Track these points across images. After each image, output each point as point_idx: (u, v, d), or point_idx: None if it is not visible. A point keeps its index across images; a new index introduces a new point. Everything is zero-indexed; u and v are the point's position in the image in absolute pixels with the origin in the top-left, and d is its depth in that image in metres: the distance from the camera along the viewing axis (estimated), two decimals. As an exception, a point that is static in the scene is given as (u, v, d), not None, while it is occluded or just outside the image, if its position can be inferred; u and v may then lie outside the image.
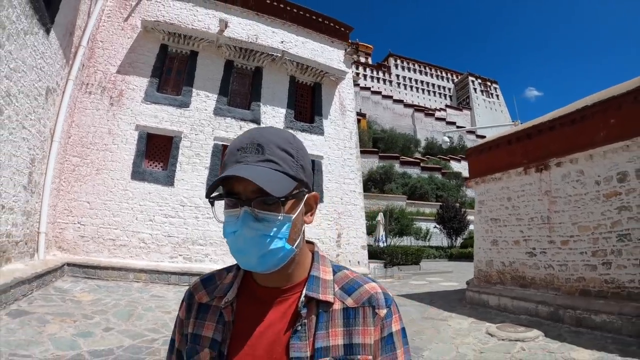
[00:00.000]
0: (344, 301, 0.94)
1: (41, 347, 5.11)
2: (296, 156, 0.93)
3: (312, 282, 0.95)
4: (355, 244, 15.31)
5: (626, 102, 8.42)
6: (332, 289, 0.96)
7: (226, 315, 0.96)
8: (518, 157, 10.86)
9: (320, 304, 0.93)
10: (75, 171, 11.05)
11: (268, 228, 0.86)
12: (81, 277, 9.66)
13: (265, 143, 0.90)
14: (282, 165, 0.89)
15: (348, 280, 0.99)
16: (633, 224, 7.99)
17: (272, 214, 0.86)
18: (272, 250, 0.87)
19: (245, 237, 0.86)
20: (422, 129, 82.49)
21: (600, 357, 6.25)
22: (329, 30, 17.26)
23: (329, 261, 1.03)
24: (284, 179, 0.88)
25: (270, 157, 0.89)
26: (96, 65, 12.09)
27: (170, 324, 6.90)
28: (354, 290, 0.96)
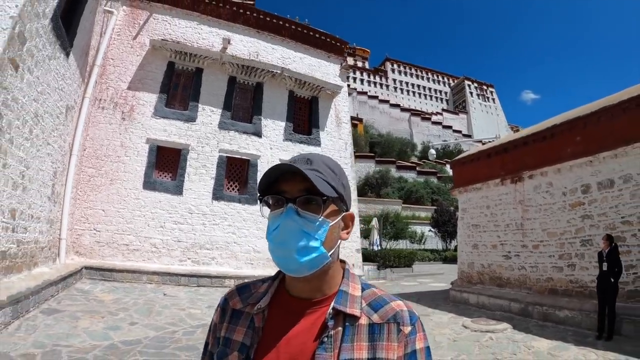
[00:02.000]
0: (370, 317, 0.96)
1: (78, 338, 6.07)
2: (338, 174, 1.01)
3: (341, 297, 0.98)
4: (350, 247, 16.29)
5: (590, 122, 9.48)
6: (359, 304, 0.98)
7: (256, 321, 1.02)
8: (496, 170, 11.93)
9: (347, 317, 0.95)
10: (90, 181, 12.02)
11: (307, 226, 0.94)
12: (98, 279, 10.62)
13: (313, 158, 1.01)
14: (326, 175, 0.97)
15: (375, 297, 1.01)
16: (594, 230, 9.05)
17: (312, 214, 0.95)
18: (308, 247, 0.94)
19: (286, 229, 0.95)
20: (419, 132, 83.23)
21: (557, 345, 7.28)
22: (326, 45, 18.23)
23: (358, 279, 1.06)
24: (327, 185, 0.96)
25: (317, 168, 0.98)
26: (108, 82, 13.03)
27: (186, 319, 7.90)
28: (380, 307, 0.98)
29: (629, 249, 8.35)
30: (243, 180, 14.96)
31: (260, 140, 15.38)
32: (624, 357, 6.44)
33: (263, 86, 15.98)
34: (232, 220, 13.98)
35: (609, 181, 8.98)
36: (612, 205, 8.87)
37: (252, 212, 14.42)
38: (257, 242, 14.22)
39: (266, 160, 15.15)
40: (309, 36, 17.82)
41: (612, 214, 8.83)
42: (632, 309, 7.87)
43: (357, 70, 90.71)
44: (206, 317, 8.35)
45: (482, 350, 7.05)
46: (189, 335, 6.97)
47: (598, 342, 7.39)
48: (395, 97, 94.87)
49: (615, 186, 8.85)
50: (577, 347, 7.13)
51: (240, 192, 14.79)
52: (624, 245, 8.38)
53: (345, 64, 18.85)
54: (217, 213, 13.77)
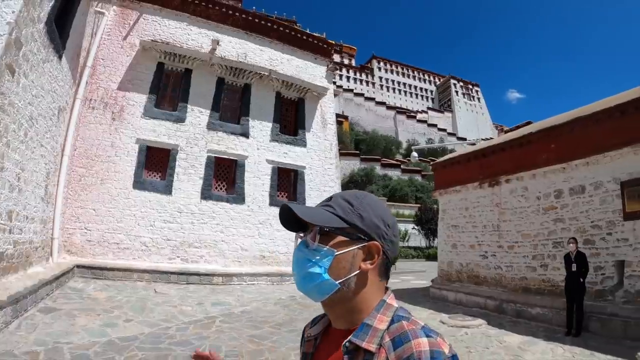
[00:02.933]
0: (389, 355, 0.90)
1: (77, 336, 6.37)
2: (356, 206, 1.02)
3: (361, 329, 0.96)
4: (335, 245, 16.69)
5: (564, 131, 10.02)
6: (379, 338, 0.93)
7: (306, 348, 1.12)
8: (475, 173, 12.48)
9: (366, 352, 0.92)
10: (81, 181, 12.22)
11: (311, 254, 1.00)
12: (90, 277, 10.87)
13: (335, 196, 1.07)
14: (336, 209, 1.02)
15: (401, 332, 0.92)
16: (566, 233, 9.59)
17: (312, 242, 1.01)
18: (310, 274, 0.99)
19: (295, 257, 1.05)
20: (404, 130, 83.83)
21: (528, 340, 7.80)
22: (313, 47, 18.57)
23: (393, 310, 1.00)
24: (330, 216, 1.00)
25: (330, 203, 1.04)
26: (98, 82, 13.19)
27: (179, 316, 8.26)
28: (400, 345, 0.90)
29: (598, 252, 8.88)
30: (231, 180, 15.26)
31: (248, 140, 15.68)
32: (589, 352, 6.92)
33: (251, 87, 16.29)
34: (220, 219, 14.29)
35: (581, 187, 9.51)
36: (582, 210, 9.41)
37: (240, 211, 14.75)
38: (244, 240, 14.56)
39: (253, 161, 15.49)
40: (297, 38, 18.14)
41: (583, 218, 9.36)
42: (599, 307, 8.41)
43: (343, 67, 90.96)
44: (197, 314, 8.70)
45: (457, 344, 7.48)
46: (183, 331, 7.31)
47: (566, 338, 7.91)
48: (381, 95, 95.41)
49: (586, 192, 9.39)
50: (546, 342, 7.64)
51: (228, 191, 15.09)
52: (593, 247, 8.94)
53: (331, 65, 19.22)
54: (206, 212, 14.07)
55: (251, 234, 14.85)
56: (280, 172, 16.28)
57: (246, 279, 13.48)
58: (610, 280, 8.62)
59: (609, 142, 8.77)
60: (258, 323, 8.42)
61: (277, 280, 14.07)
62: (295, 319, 9.08)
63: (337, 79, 79.19)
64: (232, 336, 7.31)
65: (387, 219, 1.05)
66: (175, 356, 5.99)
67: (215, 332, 7.50)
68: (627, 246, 8.37)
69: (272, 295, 11.83)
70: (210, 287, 12.14)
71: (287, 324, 8.48)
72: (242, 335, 7.37)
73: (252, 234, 14.86)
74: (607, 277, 8.69)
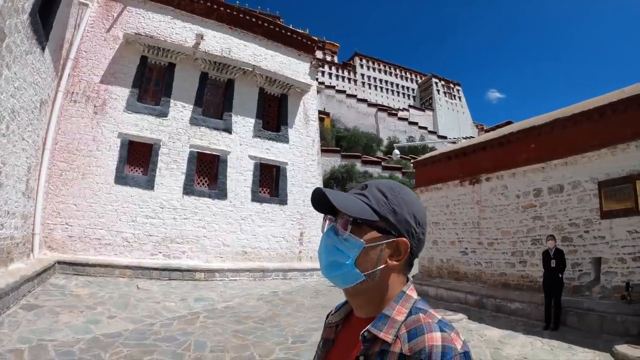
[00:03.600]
0: (403, 346, 0.92)
1: (62, 333, 6.34)
2: (390, 199, 1.01)
3: (380, 320, 0.97)
4: (316, 241, 16.80)
5: (544, 131, 10.29)
6: (396, 329, 0.95)
7: (327, 334, 1.15)
8: (456, 171, 12.74)
9: (384, 342, 0.94)
10: (62, 176, 12.03)
11: (339, 242, 1.00)
12: (71, 274, 10.72)
13: (370, 184, 1.07)
14: (371, 199, 1.01)
15: (417, 325, 0.94)
16: (544, 230, 9.89)
17: (342, 231, 1.00)
18: (335, 262, 1.00)
19: (323, 242, 1.05)
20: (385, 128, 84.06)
21: (508, 334, 8.06)
22: (297, 43, 18.61)
23: (412, 302, 1.01)
24: (364, 207, 1.00)
25: (365, 193, 1.03)
26: (80, 75, 12.97)
27: (162, 312, 8.26)
28: (415, 337, 0.91)
29: (575, 249, 9.20)
30: (213, 176, 15.22)
31: (231, 136, 15.65)
32: (567, 345, 7.17)
33: (234, 83, 16.25)
34: (202, 214, 14.25)
35: (559, 186, 9.81)
36: (561, 209, 9.71)
37: (222, 206, 14.74)
38: (227, 236, 14.56)
39: (236, 156, 15.48)
40: (281, 34, 18.15)
41: (561, 216, 9.67)
42: (577, 302, 8.70)
43: (325, 64, 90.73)
44: (180, 310, 8.71)
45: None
46: (167, 327, 7.33)
47: (545, 332, 8.20)
48: (362, 92, 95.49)
49: (564, 191, 9.68)
50: (525, 336, 7.89)
51: (211, 187, 15.05)
52: (570, 245, 9.26)
53: (315, 62, 19.28)
54: (188, 208, 14.01)
55: (233, 229, 14.85)
56: (262, 168, 16.31)
57: (228, 274, 13.49)
58: (587, 276, 8.95)
59: (587, 143, 9.07)
60: (242, 318, 8.48)
61: (259, 276, 14.12)
62: (278, 314, 9.17)
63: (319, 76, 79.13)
64: (217, 331, 7.36)
65: (418, 216, 1.05)
66: (161, 352, 6.01)
67: (200, 328, 7.53)
68: (603, 244, 8.69)
69: (255, 290, 11.88)
70: (192, 283, 12.12)
71: (271, 319, 8.56)
72: (226, 331, 7.43)
73: (234, 230, 14.86)
74: (584, 274, 9.01)
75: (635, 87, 8.91)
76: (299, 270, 15.55)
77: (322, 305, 10.29)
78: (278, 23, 18.98)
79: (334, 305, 1.26)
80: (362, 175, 51.33)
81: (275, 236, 15.82)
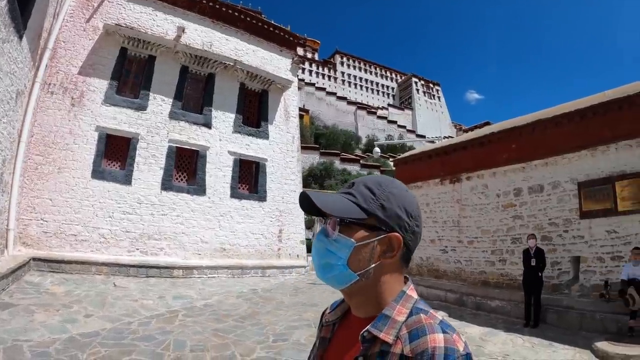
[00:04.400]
0: (404, 347, 0.90)
1: (37, 332, 6.12)
2: (378, 194, 0.99)
3: (380, 320, 0.95)
4: (295, 239, 16.83)
5: (525, 132, 10.45)
6: (397, 330, 0.93)
7: (324, 332, 1.12)
8: (437, 170, 12.88)
9: (383, 343, 0.92)
10: (37, 169, 11.66)
11: (329, 243, 0.99)
12: (47, 271, 10.42)
13: (357, 182, 1.05)
14: (358, 197, 0.99)
15: (418, 326, 0.92)
16: (524, 229, 10.08)
17: (331, 231, 0.99)
18: (328, 264, 0.99)
19: (315, 245, 1.04)
20: (364, 126, 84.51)
21: (488, 331, 8.18)
22: (279, 39, 18.51)
23: (413, 302, 0.99)
24: (350, 206, 0.98)
25: (351, 191, 1.02)
26: (58, 66, 12.58)
27: (140, 310, 8.08)
28: (416, 338, 0.90)
29: (555, 248, 9.42)
30: (192, 171, 15.02)
31: (210, 131, 15.47)
32: (548, 342, 7.28)
33: (215, 77, 16.06)
34: (180, 210, 14.05)
35: (539, 186, 10.01)
36: (540, 208, 9.92)
37: (200, 202, 14.56)
38: (205, 232, 14.40)
39: (215, 152, 15.31)
40: (263, 29, 18.02)
41: (541, 215, 9.88)
42: (556, 300, 8.90)
43: (306, 61, 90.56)
44: (159, 308, 8.55)
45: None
46: (145, 326, 7.17)
47: (525, 329, 8.32)
48: (342, 90, 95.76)
49: (544, 191, 9.89)
50: (506, 333, 8.01)
51: (189, 182, 14.85)
52: (550, 244, 9.47)
53: (296, 58, 19.20)
54: (166, 203, 13.79)
55: (212, 226, 14.69)
56: (242, 163, 16.18)
57: (207, 272, 13.36)
58: (566, 274, 9.17)
59: (568, 144, 9.29)
60: (221, 316, 8.36)
61: (238, 273, 14.02)
62: (258, 311, 9.09)
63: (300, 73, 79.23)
64: (196, 330, 7.23)
65: (410, 208, 1.03)
66: (140, 352, 5.88)
67: (179, 327, 7.39)
68: (582, 243, 8.90)
69: (234, 288, 11.78)
70: (170, 280, 11.94)
71: (251, 317, 8.47)
72: (206, 329, 7.30)
73: (212, 226, 14.70)
74: (563, 272, 9.23)
75: (615, 90, 9.11)
76: (278, 267, 15.50)
77: (302, 303, 10.23)
78: (260, 18, 18.87)
79: (314, 303, 1.25)
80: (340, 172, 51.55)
81: (254, 233, 15.71)
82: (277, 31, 18.55)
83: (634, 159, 8.30)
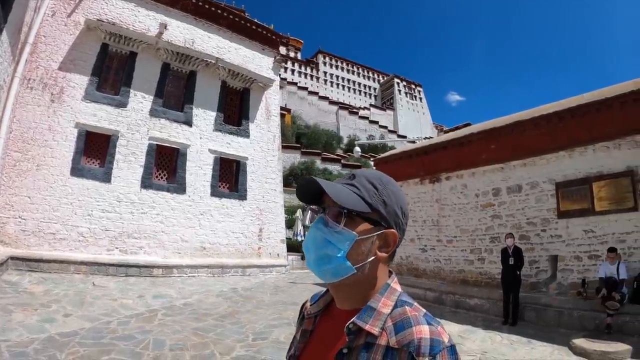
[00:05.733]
0: (390, 339, 0.91)
1: (15, 332, 6.06)
2: (380, 190, 1.00)
3: (365, 312, 0.96)
4: (275, 238, 16.86)
5: (504, 133, 10.67)
6: (382, 322, 0.94)
7: (306, 325, 1.11)
8: (417, 170, 13.06)
9: (368, 335, 0.93)
10: (16, 166, 11.47)
11: (330, 234, 0.97)
12: (25, 270, 10.28)
13: (358, 174, 1.04)
14: (362, 191, 0.99)
15: (403, 318, 0.95)
16: (502, 229, 10.30)
17: (335, 223, 0.97)
18: (327, 256, 0.97)
19: (312, 235, 1.00)
20: (346, 126, 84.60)
21: (467, 329, 8.34)
22: (261, 37, 18.52)
23: (397, 295, 1.02)
24: (357, 199, 0.97)
25: (355, 183, 1.01)
26: (38, 61, 12.37)
27: (119, 309, 8.04)
28: (402, 330, 0.92)
29: (533, 247, 9.66)
30: (172, 169, 14.95)
31: (191, 129, 15.42)
32: (526, 339, 7.45)
33: (196, 75, 16.02)
34: (160, 209, 13.97)
35: (518, 186, 10.25)
36: (519, 208, 10.15)
37: (181, 201, 14.50)
38: (185, 231, 14.33)
39: (195, 150, 15.27)
40: (246, 27, 18.02)
41: (519, 215, 10.11)
42: (534, 298, 9.11)
43: (289, 60, 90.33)
44: (138, 307, 8.51)
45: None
46: (124, 325, 7.13)
47: (504, 327, 8.52)
48: (324, 90, 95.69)
49: (522, 191, 10.13)
50: (484, 331, 8.18)
51: (169, 181, 14.78)
52: (528, 243, 9.70)
53: (278, 57, 19.22)
54: (146, 202, 13.70)
55: (192, 224, 14.64)
56: (222, 162, 16.16)
57: (187, 270, 13.32)
58: (544, 273, 9.40)
59: (546, 145, 9.53)
60: (201, 316, 8.35)
61: (218, 272, 13.99)
62: (238, 310, 9.11)
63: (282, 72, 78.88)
64: (176, 329, 7.23)
65: (404, 208, 1.06)
66: (119, 351, 5.86)
67: (158, 326, 7.37)
68: (560, 242, 9.14)
69: (214, 287, 11.77)
70: (150, 279, 11.87)
71: (230, 316, 8.49)
72: (185, 329, 7.29)
73: (192, 225, 14.65)
74: (541, 271, 9.46)
75: (593, 93, 9.34)
76: (258, 266, 15.51)
77: (282, 302, 10.27)
78: (243, 16, 18.80)
79: (294, 301, 1.26)
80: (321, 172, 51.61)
81: (235, 232, 15.69)
82: (259, 30, 18.54)
83: (610, 160, 8.56)
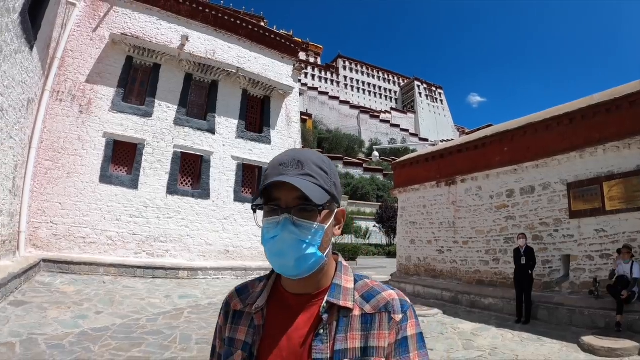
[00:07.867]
0: (363, 308, 0.98)
1: (51, 327, 6.55)
2: (329, 174, 1.02)
3: (334, 290, 1.00)
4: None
5: (517, 135, 10.81)
6: (352, 296, 1.00)
7: (256, 320, 1.04)
8: (433, 173, 13.26)
9: (342, 310, 0.98)
10: (47, 174, 12.09)
11: (305, 234, 0.96)
12: (56, 271, 10.84)
13: (304, 160, 1.00)
14: (319, 179, 0.98)
15: (368, 289, 1.02)
16: (516, 230, 10.43)
17: (309, 222, 0.96)
18: (306, 255, 0.96)
19: (284, 240, 0.95)
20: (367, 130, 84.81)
21: (481, 327, 8.57)
22: (280, 46, 18.89)
23: (351, 271, 1.07)
24: (320, 191, 0.97)
25: (309, 172, 0.98)
26: (66, 74, 12.99)
27: (147, 308, 8.49)
28: (372, 298, 1.00)
29: (545, 247, 9.78)
30: (196, 176, 15.42)
31: (214, 137, 15.86)
32: (537, 336, 7.65)
33: (218, 84, 16.44)
34: (185, 214, 14.44)
35: (531, 187, 10.38)
36: (532, 209, 10.29)
37: (205, 206, 14.96)
38: (209, 235, 14.77)
39: (219, 157, 15.70)
40: (265, 36, 18.39)
41: (532, 216, 10.24)
42: (547, 297, 9.27)
43: (309, 65, 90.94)
44: (165, 306, 8.95)
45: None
46: (153, 321, 7.58)
47: (516, 325, 8.70)
48: (345, 94, 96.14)
49: (535, 192, 10.25)
50: (497, 329, 8.40)
51: (194, 187, 15.24)
52: (541, 243, 9.83)
53: (297, 65, 19.60)
54: (171, 207, 14.19)
55: (216, 229, 15.07)
56: (245, 168, 16.54)
57: (211, 273, 13.72)
58: (557, 272, 9.51)
59: (557, 146, 9.64)
60: (225, 314, 8.71)
61: (241, 275, 14.36)
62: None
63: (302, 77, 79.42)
64: (201, 325, 7.63)
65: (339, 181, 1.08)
66: (149, 344, 6.27)
67: (185, 322, 7.79)
68: (572, 242, 9.24)
69: (238, 289, 12.08)
70: (176, 281, 12.32)
71: (254, 314, 8.81)
72: (210, 325, 7.66)
73: (216, 229, 15.08)
74: (554, 270, 9.57)
75: (603, 93, 9.44)
76: (281, 269, 15.76)
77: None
78: (262, 25, 19.26)
79: None
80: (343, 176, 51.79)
81: (257, 236, 16.01)
82: (278, 38, 18.94)
83: (621, 160, 8.65)
